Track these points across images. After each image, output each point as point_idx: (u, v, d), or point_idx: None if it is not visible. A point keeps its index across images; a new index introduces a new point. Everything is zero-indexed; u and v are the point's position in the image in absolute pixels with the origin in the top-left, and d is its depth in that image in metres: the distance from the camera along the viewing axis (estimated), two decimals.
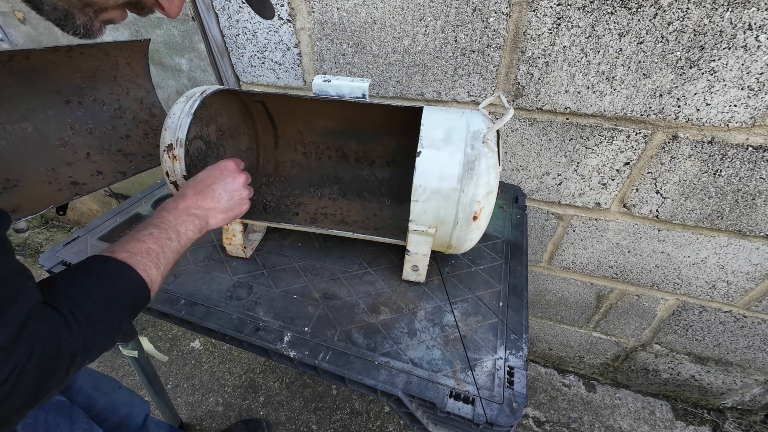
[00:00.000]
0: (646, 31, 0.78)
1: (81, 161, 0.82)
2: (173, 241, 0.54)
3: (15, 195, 0.70)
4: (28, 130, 0.76)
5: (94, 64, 0.85)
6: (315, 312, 0.70)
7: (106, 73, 0.88)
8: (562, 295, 1.34)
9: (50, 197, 0.74)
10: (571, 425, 1.40)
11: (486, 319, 0.69)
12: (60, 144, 0.81)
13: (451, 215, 0.64)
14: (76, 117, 0.84)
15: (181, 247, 0.55)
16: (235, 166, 0.66)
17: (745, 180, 0.89)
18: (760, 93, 0.78)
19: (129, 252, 0.48)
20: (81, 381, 0.84)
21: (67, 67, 0.81)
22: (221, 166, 0.64)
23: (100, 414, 0.85)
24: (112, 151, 0.89)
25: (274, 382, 1.52)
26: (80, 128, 0.85)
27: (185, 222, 0.57)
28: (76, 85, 0.83)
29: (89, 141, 0.86)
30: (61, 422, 0.66)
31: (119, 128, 0.92)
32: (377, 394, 0.59)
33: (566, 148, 0.98)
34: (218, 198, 0.62)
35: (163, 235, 0.53)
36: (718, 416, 1.40)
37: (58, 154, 0.80)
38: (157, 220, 0.55)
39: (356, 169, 0.98)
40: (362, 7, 0.93)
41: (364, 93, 0.71)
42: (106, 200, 2.06)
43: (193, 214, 0.58)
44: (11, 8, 1.38)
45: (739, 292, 1.10)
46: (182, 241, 0.55)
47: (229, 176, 0.64)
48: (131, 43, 0.88)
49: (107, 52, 0.86)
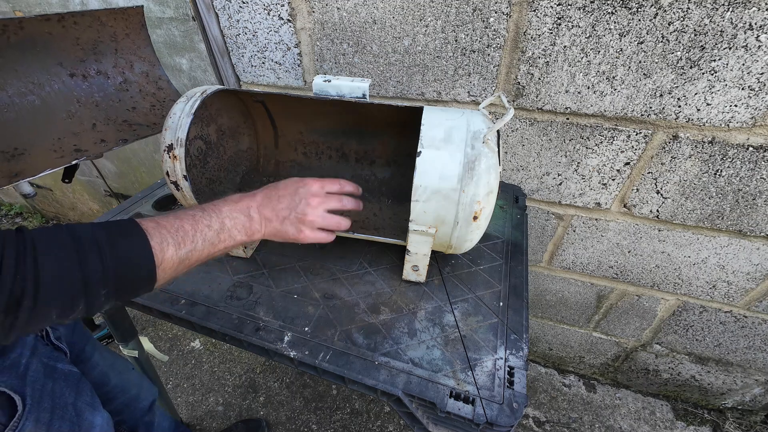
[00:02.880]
0: (646, 31, 0.78)
1: (86, 131, 0.83)
2: (212, 230, 0.49)
3: (21, 161, 0.72)
4: (36, 103, 0.78)
5: (91, 35, 0.85)
6: (315, 312, 0.70)
7: (107, 45, 0.88)
8: (562, 295, 1.34)
9: (52, 162, 0.76)
10: (572, 425, 1.40)
11: (486, 319, 0.69)
12: (67, 116, 0.82)
13: (452, 215, 0.64)
14: (81, 90, 0.86)
15: (219, 240, 0.50)
16: (319, 186, 0.60)
17: (746, 180, 0.89)
18: (760, 93, 0.78)
19: (157, 222, 0.45)
20: (97, 357, 0.86)
21: (65, 39, 0.81)
22: (303, 182, 0.60)
23: (112, 391, 0.87)
24: (118, 122, 0.89)
25: (274, 382, 1.52)
26: (87, 101, 0.86)
27: (237, 218, 0.53)
28: (79, 57, 0.84)
29: (95, 113, 0.87)
30: (66, 392, 0.66)
31: (126, 101, 0.93)
32: (377, 394, 0.59)
33: (566, 148, 0.98)
34: (278, 211, 0.57)
35: (203, 220, 0.48)
36: (719, 416, 1.40)
37: (65, 125, 0.81)
38: (210, 205, 0.52)
39: (356, 169, 0.98)
40: (362, 7, 0.93)
41: (364, 93, 0.71)
42: (106, 200, 2.06)
43: (249, 215, 0.55)
44: (12, 8, 1.38)
45: (739, 292, 1.10)
46: (222, 236, 0.50)
47: (304, 196, 0.59)
48: (123, 10, 0.89)
49: (101, 21, 0.86)
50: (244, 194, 0.57)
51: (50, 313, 0.37)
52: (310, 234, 0.59)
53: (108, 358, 0.90)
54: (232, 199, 0.55)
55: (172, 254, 0.44)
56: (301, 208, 0.58)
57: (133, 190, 1.90)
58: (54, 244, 0.37)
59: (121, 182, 1.92)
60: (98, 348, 0.89)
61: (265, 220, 0.57)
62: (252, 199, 0.56)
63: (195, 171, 0.79)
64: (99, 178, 1.95)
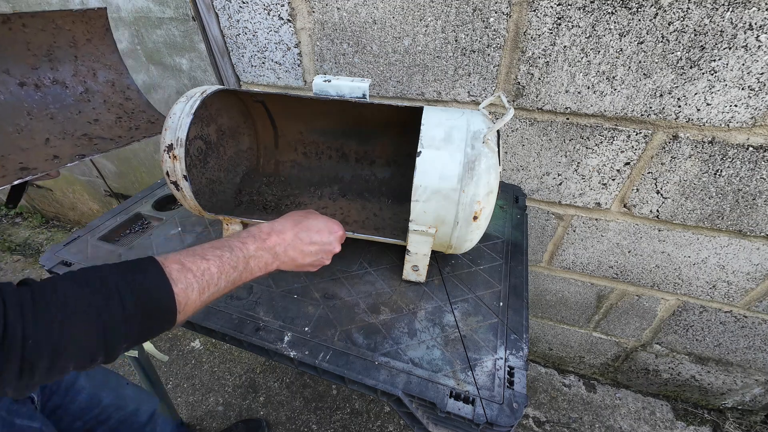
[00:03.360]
0: (646, 31, 0.78)
1: (38, 147, 0.74)
2: (237, 271, 0.48)
3: None
4: None
5: (44, 39, 0.75)
6: (315, 312, 0.70)
7: (64, 51, 0.79)
8: (562, 295, 1.34)
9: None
10: (572, 425, 1.40)
11: (486, 319, 0.69)
12: (15, 130, 0.73)
13: (452, 215, 0.64)
14: (34, 101, 0.76)
15: (240, 279, 0.49)
16: (342, 234, 0.64)
17: (746, 180, 0.89)
18: (760, 93, 0.78)
19: (182, 264, 0.43)
20: (83, 381, 0.81)
21: (13, 43, 0.72)
22: (335, 228, 0.62)
23: (105, 411, 0.83)
24: (76, 136, 0.80)
25: (274, 382, 1.52)
26: (39, 113, 0.76)
27: (262, 257, 0.52)
28: (30, 65, 0.75)
29: (50, 126, 0.77)
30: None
31: (87, 112, 0.83)
32: (377, 394, 0.59)
33: (566, 148, 0.98)
34: (306, 254, 0.58)
35: (230, 261, 0.47)
36: (719, 416, 1.40)
37: (11, 140, 0.72)
38: (237, 242, 0.50)
39: (356, 169, 0.98)
40: (362, 7, 0.93)
41: (364, 93, 0.71)
42: (106, 200, 2.06)
43: (275, 254, 0.54)
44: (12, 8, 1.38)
45: (739, 292, 1.10)
46: (245, 275, 0.50)
47: (333, 241, 0.61)
48: (83, 13, 0.78)
49: (56, 24, 0.76)
50: (273, 227, 0.56)
51: (68, 368, 0.35)
52: (313, 269, 0.63)
53: (98, 376, 0.85)
54: (261, 233, 0.54)
55: (195, 299, 0.43)
56: (325, 252, 0.61)
57: (133, 190, 1.90)
58: (70, 299, 0.34)
59: (121, 182, 1.92)
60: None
61: (290, 259, 0.57)
62: (281, 237, 0.55)
63: (195, 171, 0.79)
64: (99, 178, 1.95)
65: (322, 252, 0.60)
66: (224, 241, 0.50)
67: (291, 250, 0.56)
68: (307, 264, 0.60)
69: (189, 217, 0.95)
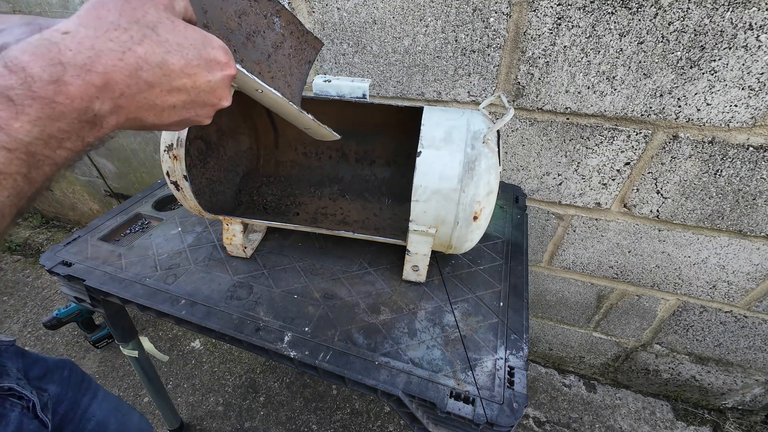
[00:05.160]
0: (646, 31, 0.78)
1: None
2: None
3: None
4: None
5: (256, 23, 0.66)
6: (315, 312, 0.70)
7: (263, 45, 0.69)
8: (562, 295, 1.34)
9: None
10: (572, 425, 1.40)
11: (486, 319, 0.69)
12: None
13: (452, 215, 0.64)
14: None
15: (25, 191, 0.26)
16: (230, 69, 0.35)
17: (746, 180, 0.89)
18: (760, 93, 0.78)
19: None
20: (95, 408, 0.77)
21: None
22: (216, 53, 0.33)
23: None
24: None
25: (274, 382, 1.52)
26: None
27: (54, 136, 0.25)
28: (229, 28, 0.63)
29: None
30: None
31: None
32: (377, 394, 0.59)
33: (567, 148, 0.98)
34: (163, 111, 0.31)
35: None
36: (719, 416, 1.40)
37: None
38: None
39: (356, 169, 0.98)
40: (362, 7, 0.93)
41: (364, 93, 0.71)
42: (106, 200, 2.06)
43: (87, 116, 0.26)
44: (12, 8, 1.38)
45: (739, 292, 1.10)
46: (29, 183, 0.25)
47: (216, 83, 0.34)
48: (304, 32, 0.70)
49: (280, 24, 0.68)
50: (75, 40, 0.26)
51: None
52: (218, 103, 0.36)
53: (110, 403, 0.81)
54: (42, 70, 0.24)
55: None
56: (210, 98, 0.34)
57: (133, 190, 1.90)
58: None
59: (121, 182, 1.92)
60: (98, 395, 0.78)
61: (132, 120, 0.30)
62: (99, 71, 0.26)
63: (195, 171, 0.79)
64: (99, 178, 1.95)
65: (195, 106, 0.33)
66: None
67: (130, 106, 0.29)
68: (163, 126, 0.33)
69: (189, 217, 0.95)
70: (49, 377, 0.68)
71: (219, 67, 0.33)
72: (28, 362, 0.66)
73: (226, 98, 0.36)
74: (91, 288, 0.76)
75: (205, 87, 0.33)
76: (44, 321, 1.47)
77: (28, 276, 2.00)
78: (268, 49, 0.68)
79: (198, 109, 0.34)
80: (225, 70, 0.34)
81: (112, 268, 0.78)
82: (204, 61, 0.32)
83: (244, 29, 0.62)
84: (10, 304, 1.83)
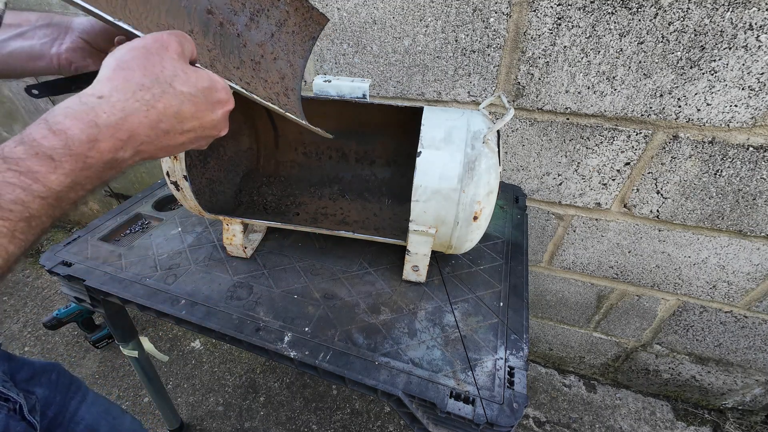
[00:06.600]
0: (646, 31, 0.78)
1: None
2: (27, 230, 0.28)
3: None
4: None
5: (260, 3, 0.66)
6: (315, 312, 0.70)
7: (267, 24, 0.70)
8: (562, 296, 1.34)
9: None
10: (572, 425, 1.40)
11: (486, 320, 0.69)
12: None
13: (452, 215, 0.64)
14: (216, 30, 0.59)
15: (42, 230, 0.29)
16: (227, 104, 0.39)
17: (746, 180, 0.89)
18: (760, 93, 0.78)
19: None
20: (84, 411, 0.76)
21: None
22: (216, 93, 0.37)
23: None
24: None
25: (274, 382, 1.52)
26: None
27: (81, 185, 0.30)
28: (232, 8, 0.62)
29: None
30: None
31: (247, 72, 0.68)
32: (377, 395, 0.59)
33: (567, 149, 0.98)
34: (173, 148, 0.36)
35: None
36: (719, 416, 1.40)
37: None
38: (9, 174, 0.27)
39: (356, 169, 0.98)
40: (362, 7, 0.93)
41: (364, 93, 0.71)
42: (106, 200, 2.06)
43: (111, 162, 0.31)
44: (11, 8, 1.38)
45: (739, 292, 1.10)
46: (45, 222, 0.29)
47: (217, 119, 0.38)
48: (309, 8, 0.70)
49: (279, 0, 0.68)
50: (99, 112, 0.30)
51: None
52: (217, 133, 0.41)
53: (99, 406, 0.80)
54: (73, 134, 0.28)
55: None
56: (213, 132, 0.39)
57: (133, 190, 1.90)
58: None
59: (121, 182, 1.92)
60: (87, 398, 0.77)
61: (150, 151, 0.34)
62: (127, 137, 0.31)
63: (195, 171, 0.79)
64: None
65: (199, 139, 0.38)
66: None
67: (148, 149, 0.33)
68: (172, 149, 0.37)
69: (189, 217, 0.95)
70: (36, 380, 0.67)
71: (220, 106, 0.39)
72: (14, 365, 0.65)
73: (224, 129, 0.41)
74: (91, 288, 0.76)
75: (209, 125, 0.38)
76: (44, 321, 1.47)
77: (28, 276, 2.00)
78: (271, 28, 0.68)
79: (201, 141, 0.39)
80: (225, 107, 0.39)
81: (112, 268, 0.78)
82: (210, 104, 0.37)
83: (248, 8, 0.62)
84: (10, 304, 1.83)
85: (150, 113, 0.32)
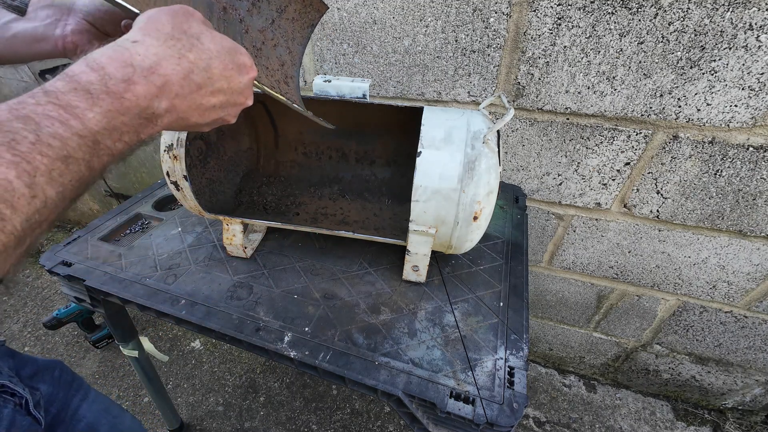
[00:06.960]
0: (646, 31, 0.78)
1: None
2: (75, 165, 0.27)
3: None
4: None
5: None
6: (315, 312, 0.70)
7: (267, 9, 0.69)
8: (562, 296, 1.34)
9: None
10: (572, 425, 1.40)
11: (486, 320, 0.69)
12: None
13: (452, 215, 0.64)
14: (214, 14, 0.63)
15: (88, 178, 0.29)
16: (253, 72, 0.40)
17: (746, 180, 0.89)
18: (760, 93, 0.78)
19: None
20: (85, 409, 0.76)
21: None
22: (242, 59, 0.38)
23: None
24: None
25: (274, 382, 1.52)
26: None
27: (121, 131, 0.30)
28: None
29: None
30: None
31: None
32: (377, 395, 0.59)
33: (567, 149, 0.98)
34: (204, 111, 0.36)
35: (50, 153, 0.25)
36: (719, 417, 1.40)
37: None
38: (56, 110, 0.26)
39: (356, 169, 0.98)
40: (362, 7, 0.93)
41: (364, 93, 0.71)
42: (106, 200, 2.06)
43: (150, 117, 0.31)
44: None
45: (739, 292, 1.10)
46: (94, 168, 0.29)
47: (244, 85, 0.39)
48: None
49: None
50: (134, 57, 0.30)
51: None
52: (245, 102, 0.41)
53: (100, 404, 0.80)
54: (110, 78, 0.29)
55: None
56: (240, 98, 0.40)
57: (134, 190, 1.90)
58: None
59: (121, 182, 1.92)
60: (89, 396, 0.78)
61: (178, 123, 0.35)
62: (161, 84, 0.31)
63: (195, 171, 0.79)
64: None
65: (228, 106, 0.38)
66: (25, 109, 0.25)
67: (181, 106, 0.33)
68: (202, 125, 0.38)
69: (189, 217, 0.95)
70: (40, 377, 0.68)
71: (246, 70, 0.39)
72: (18, 362, 0.66)
73: (250, 98, 0.42)
74: (91, 288, 0.76)
75: (237, 88, 0.38)
76: (44, 321, 1.47)
77: (28, 276, 2.00)
78: (272, 14, 0.68)
79: (230, 108, 0.39)
80: (250, 73, 0.40)
81: (112, 268, 0.78)
82: (236, 65, 0.37)
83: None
84: (10, 304, 1.84)
85: (182, 62, 0.33)
